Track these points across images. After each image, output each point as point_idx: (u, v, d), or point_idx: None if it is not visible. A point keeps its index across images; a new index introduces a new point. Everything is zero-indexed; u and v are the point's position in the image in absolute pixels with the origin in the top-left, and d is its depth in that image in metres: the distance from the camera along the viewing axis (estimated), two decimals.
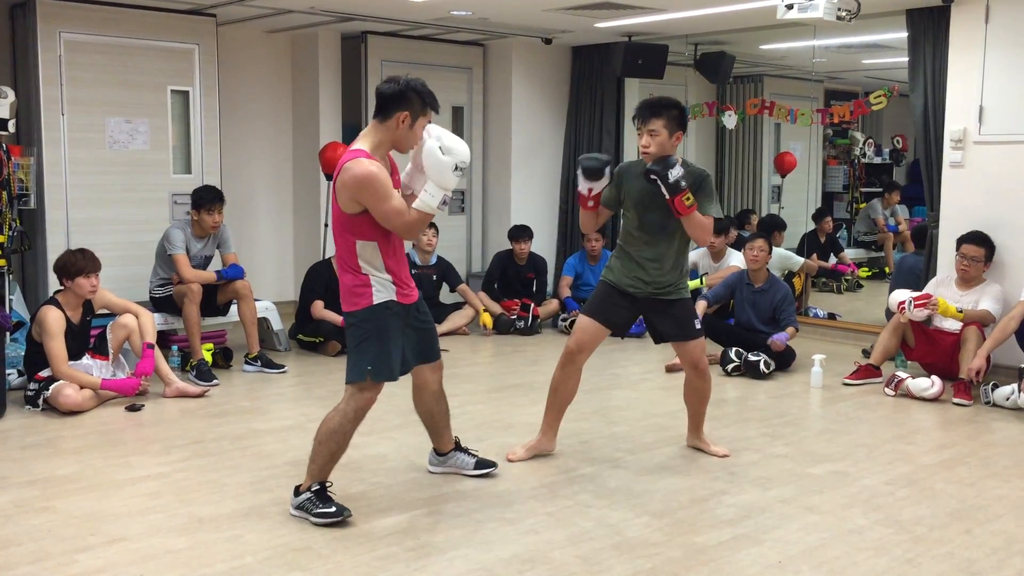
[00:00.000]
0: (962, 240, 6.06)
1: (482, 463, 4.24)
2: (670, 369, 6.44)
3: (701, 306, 6.75)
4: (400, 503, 3.90)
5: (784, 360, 6.44)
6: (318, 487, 3.66)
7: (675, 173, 4.08)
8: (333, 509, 3.62)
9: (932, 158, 6.60)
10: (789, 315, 6.57)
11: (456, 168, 3.48)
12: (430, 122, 3.62)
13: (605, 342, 7.16)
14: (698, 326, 4.44)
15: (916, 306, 5.80)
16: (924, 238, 7.50)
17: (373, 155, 3.53)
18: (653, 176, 4.10)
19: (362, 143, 3.57)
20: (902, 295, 5.92)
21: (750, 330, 6.58)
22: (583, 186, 4.26)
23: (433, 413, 4.08)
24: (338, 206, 3.54)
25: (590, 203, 4.29)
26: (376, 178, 3.43)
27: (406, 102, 3.53)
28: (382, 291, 3.61)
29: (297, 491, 3.72)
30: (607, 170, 4.23)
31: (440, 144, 3.48)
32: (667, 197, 4.10)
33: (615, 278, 4.38)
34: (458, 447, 4.25)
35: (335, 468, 3.74)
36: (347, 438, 3.68)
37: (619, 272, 4.37)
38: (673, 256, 4.33)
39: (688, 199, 4.11)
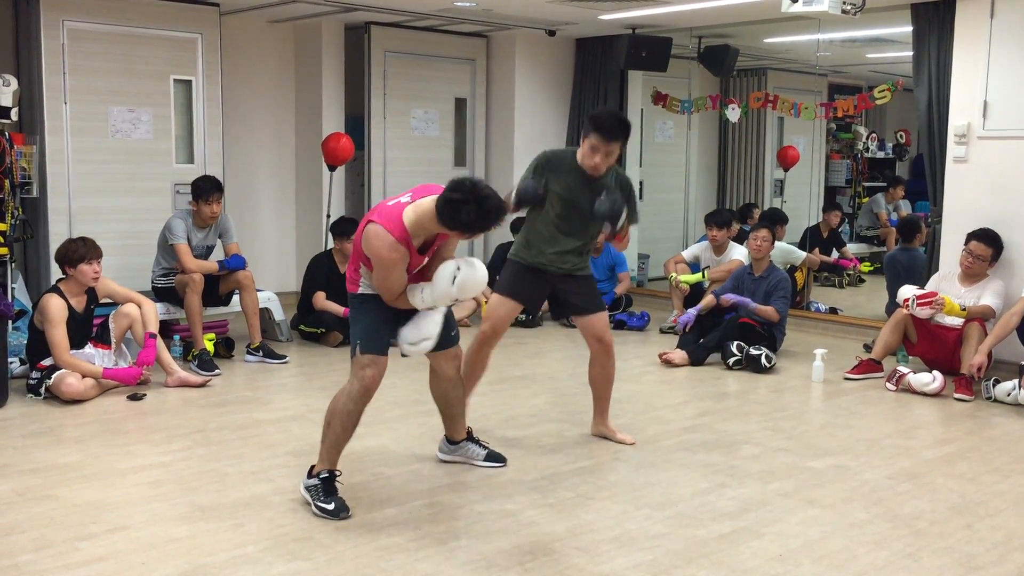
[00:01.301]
0: (972, 236, 6.04)
1: (493, 455, 4.27)
2: (665, 359, 6.43)
3: (708, 301, 6.75)
4: (401, 494, 3.90)
5: (771, 344, 6.45)
6: (327, 475, 3.68)
7: (623, 219, 4.14)
8: (332, 507, 3.63)
9: (936, 153, 6.59)
10: (778, 298, 6.55)
11: (455, 300, 3.61)
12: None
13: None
14: (602, 300, 4.60)
15: (919, 305, 5.78)
16: (911, 232, 7.50)
17: (412, 231, 3.48)
18: (603, 219, 4.14)
19: (410, 214, 3.49)
20: (907, 291, 5.91)
21: (750, 319, 6.56)
22: (514, 204, 4.20)
23: (448, 399, 4.13)
24: (359, 242, 3.60)
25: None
26: (384, 260, 3.48)
27: (461, 227, 3.44)
28: (368, 290, 3.71)
29: (311, 472, 3.74)
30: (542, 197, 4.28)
31: (456, 275, 3.53)
32: (608, 232, 4.20)
33: (530, 258, 4.45)
34: (470, 437, 4.28)
35: (346, 458, 3.76)
36: (352, 418, 3.69)
37: (534, 255, 4.43)
38: (587, 242, 4.47)
39: (626, 235, 4.30)
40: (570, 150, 4.42)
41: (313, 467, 3.75)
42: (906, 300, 5.87)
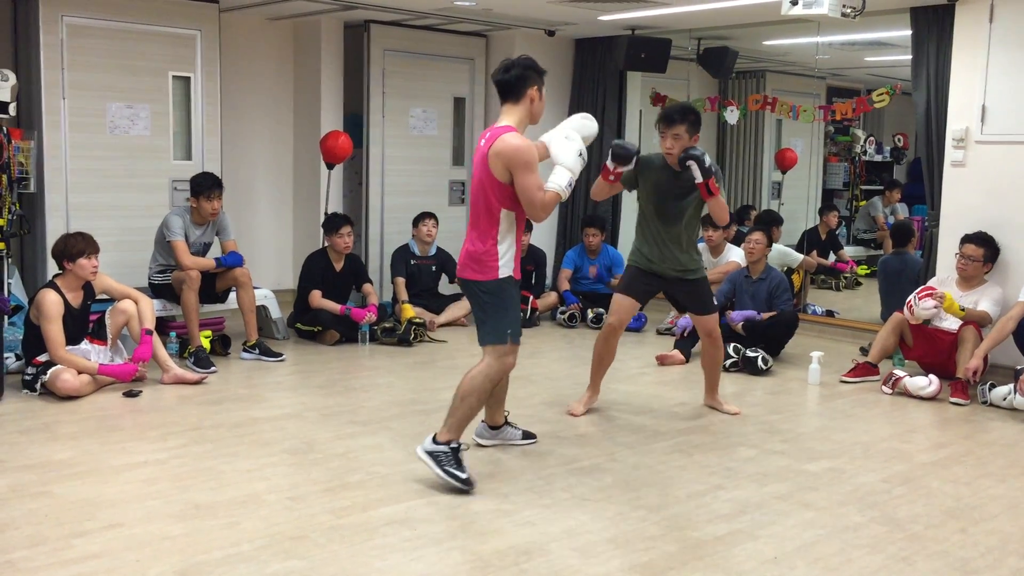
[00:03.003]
0: (965, 239, 6.07)
1: (527, 434, 4.62)
2: (661, 360, 6.45)
3: None
4: (397, 493, 3.90)
5: (773, 347, 6.47)
6: (456, 445, 3.93)
7: (708, 159, 4.71)
8: (465, 476, 3.88)
9: (933, 157, 6.60)
10: (784, 301, 6.63)
11: (580, 154, 3.90)
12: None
13: None
14: (714, 301, 5.24)
15: (921, 297, 5.81)
16: (905, 236, 7.51)
17: (518, 128, 3.94)
18: (690, 161, 4.69)
19: (505, 120, 3.95)
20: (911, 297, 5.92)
21: (751, 320, 6.56)
22: (611, 164, 4.70)
23: (503, 382, 4.33)
24: (491, 175, 3.85)
25: (611, 177, 4.75)
26: (531, 151, 3.82)
27: (530, 80, 3.95)
28: (506, 269, 3.96)
29: (435, 439, 3.94)
30: (635, 158, 4.73)
31: (566, 134, 3.95)
32: (700, 180, 4.70)
33: (644, 262, 5.08)
34: (507, 421, 4.56)
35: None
36: (486, 396, 4.05)
37: (647, 257, 5.07)
38: (687, 235, 5.04)
39: (717, 188, 4.78)
40: (657, 153, 4.99)
41: (436, 435, 3.95)
42: (908, 301, 5.89)
